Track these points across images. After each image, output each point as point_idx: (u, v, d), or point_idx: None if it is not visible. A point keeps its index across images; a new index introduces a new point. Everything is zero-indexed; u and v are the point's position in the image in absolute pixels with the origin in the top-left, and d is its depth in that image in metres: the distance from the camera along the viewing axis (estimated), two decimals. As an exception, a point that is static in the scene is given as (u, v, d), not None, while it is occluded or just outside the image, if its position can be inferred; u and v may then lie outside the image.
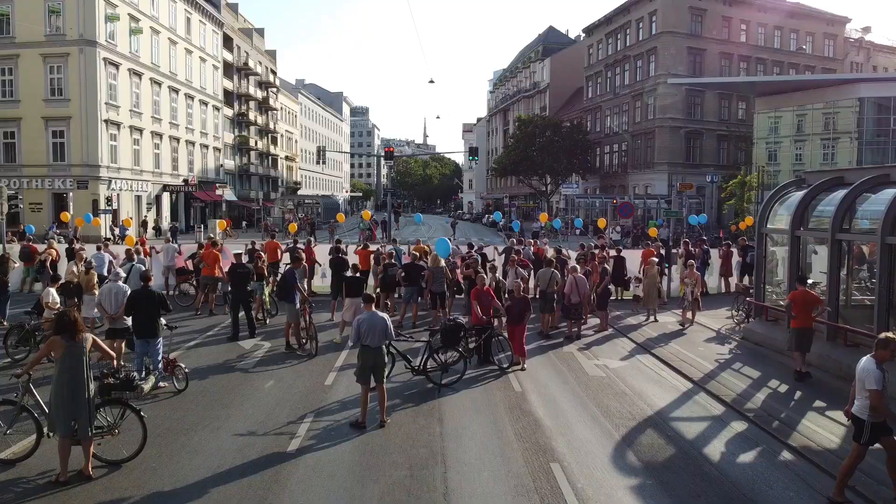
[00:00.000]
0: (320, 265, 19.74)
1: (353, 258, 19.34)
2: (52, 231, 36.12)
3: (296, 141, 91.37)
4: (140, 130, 45.49)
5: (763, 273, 13.99)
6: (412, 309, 15.83)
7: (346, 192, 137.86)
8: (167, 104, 49.91)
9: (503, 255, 19.51)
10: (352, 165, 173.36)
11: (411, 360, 11.01)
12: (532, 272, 17.54)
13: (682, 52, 61.44)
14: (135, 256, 15.94)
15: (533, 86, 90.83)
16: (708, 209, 56.77)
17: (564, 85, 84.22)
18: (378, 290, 17.29)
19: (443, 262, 16.00)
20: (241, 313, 14.61)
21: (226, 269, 18.13)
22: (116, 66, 42.16)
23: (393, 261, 17.37)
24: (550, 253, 18.77)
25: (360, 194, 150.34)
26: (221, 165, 61.99)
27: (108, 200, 38.70)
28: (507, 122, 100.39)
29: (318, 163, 78.64)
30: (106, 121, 41.02)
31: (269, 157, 78.31)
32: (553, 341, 14.83)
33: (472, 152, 40.95)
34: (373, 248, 19.43)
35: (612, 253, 19.29)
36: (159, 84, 48.37)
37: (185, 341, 14.27)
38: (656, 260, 16.42)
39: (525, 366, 12.32)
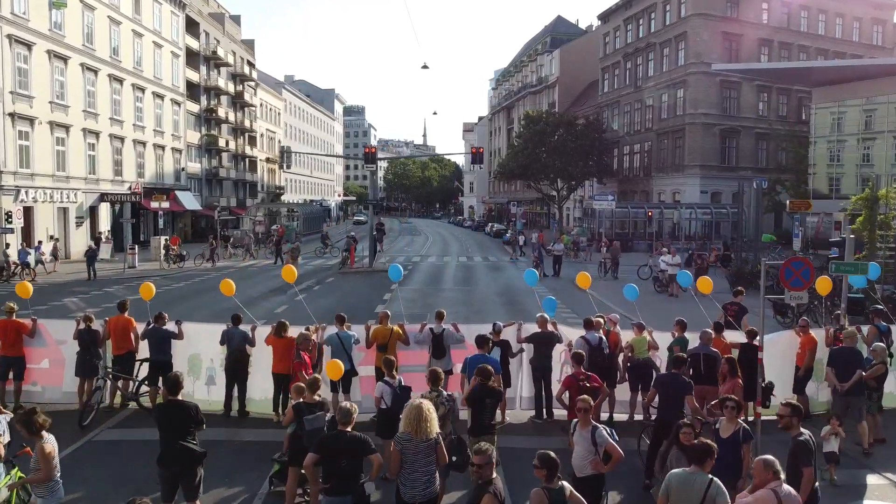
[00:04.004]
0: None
1: (261, 354, 10.66)
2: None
3: (279, 141, 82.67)
4: (66, 127, 36.91)
5: None
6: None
7: (339, 195, 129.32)
8: (106, 96, 41.33)
9: (540, 362, 10.39)
10: (346, 167, 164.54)
11: None
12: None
13: (717, 37, 53.02)
14: None
15: (540, 81, 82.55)
16: (751, 224, 48.19)
17: (575, 79, 76.11)
18: (285, 456, 8.06)
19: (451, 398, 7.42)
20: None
21: (40, 363, 9.74)
22: (28, 46, 33.57)
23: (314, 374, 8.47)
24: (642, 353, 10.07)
25: (354, 198, 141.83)
26: (183, 169, 53.37)
27: (8, 216, 30.18)
28: (511, 121, 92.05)
29: (281, 167, 71.10)
30: (12, 114, 32.41)
31: (246, 160, 69.69)
32: None
33: (476, 159, 32.33)
34: (293, 332, 10.41)
35: (732, 336, 10.72)
36: (94, 71, 39.78)
37: None
38: None
39: None
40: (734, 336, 10.88)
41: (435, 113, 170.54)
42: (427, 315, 20.99)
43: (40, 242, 33.31)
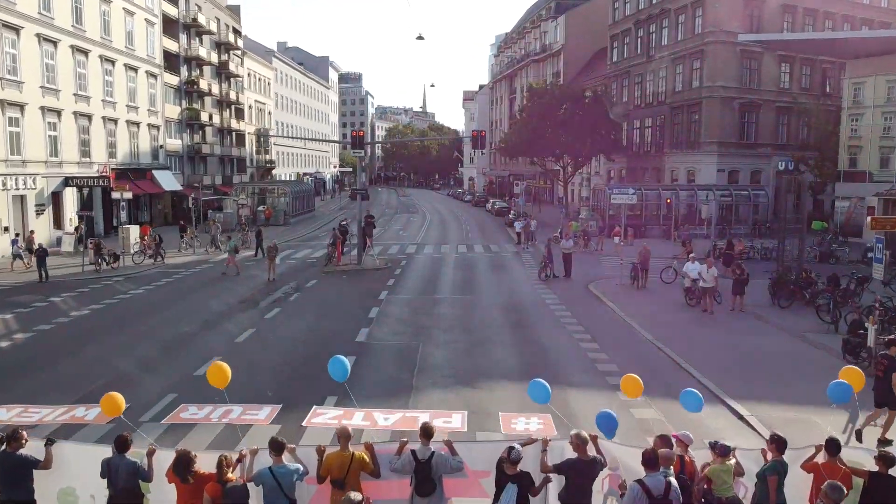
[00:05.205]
0: None
1: (167, 487, 7.25)
2: None
3: (269, 113, 78.61)
4: (20, 106, 33.11)
5: None
6: None
7: (335, 167, 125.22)
8: (70, 70, 37.43)
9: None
10: (343, 136, 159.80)
11: None
12: None
13: (737, 3, 48.75)
14: None
15: (544, 48, 78.02)
16: (788, 210, 44.70)
17: (582, 47, 71.74)
18: None
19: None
20: None
21: None
22: (-29, 15, 29.73)
23: None
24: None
25: (351, 169, 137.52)
26: (161, 146, 49.57)
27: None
28: (513, 90, 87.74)
29: (258, 153, 69.23)
30: (-48, 94, 28.75)
31: (232, 134, 65.71)
32: None
33: (478, 143, 28.65)
34: (207, 461, 6.94)
35: (854, 461, 7.39)
36: (54, 43, 35.83)
37: None
38: None
39: None
40: (856, 455, 7.51)
41: (433, 85, 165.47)
42: (419, 349, 17.37)
43: (18, 235, 30.34)
